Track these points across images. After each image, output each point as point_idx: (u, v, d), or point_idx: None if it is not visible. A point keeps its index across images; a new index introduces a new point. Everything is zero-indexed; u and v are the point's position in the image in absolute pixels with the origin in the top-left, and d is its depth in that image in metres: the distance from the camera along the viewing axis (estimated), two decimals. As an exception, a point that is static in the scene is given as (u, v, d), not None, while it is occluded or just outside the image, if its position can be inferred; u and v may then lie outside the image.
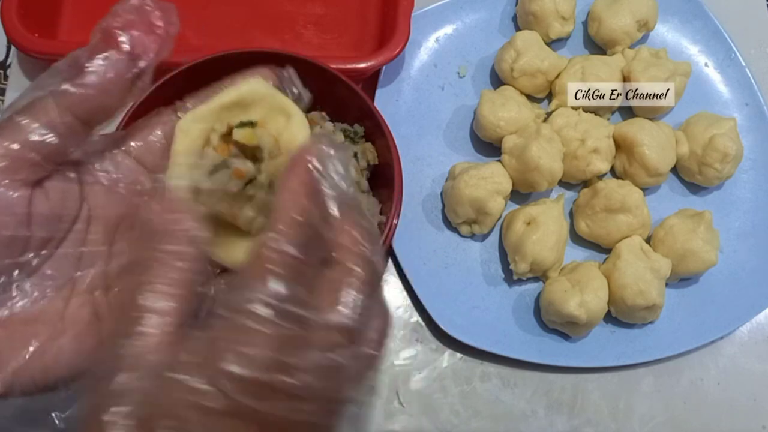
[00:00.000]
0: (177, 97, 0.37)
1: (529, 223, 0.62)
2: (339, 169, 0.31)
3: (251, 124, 0.32)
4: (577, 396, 0.62)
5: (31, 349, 0.30)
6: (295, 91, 0.36)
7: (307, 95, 0.36)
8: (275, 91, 0.34)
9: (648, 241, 0.65)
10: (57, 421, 0.32)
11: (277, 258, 0.27)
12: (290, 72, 0.35)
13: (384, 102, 0.67)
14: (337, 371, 0.28)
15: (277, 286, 0.26)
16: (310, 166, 0.29)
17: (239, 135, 0.32)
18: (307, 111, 0.60)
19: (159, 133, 0.36)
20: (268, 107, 0.33)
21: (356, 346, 0.28)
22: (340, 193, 0.30)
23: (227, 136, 0.32)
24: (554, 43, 0.72)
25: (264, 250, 0.27)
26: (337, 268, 0.29)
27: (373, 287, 0.30)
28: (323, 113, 0.61)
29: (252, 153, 0.32)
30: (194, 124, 0.33)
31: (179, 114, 0.36)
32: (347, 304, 0.29)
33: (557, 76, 0.68)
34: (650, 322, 0.63)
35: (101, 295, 0.33)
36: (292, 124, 0.33)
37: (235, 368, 0.25)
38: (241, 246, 0.33)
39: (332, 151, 0.31)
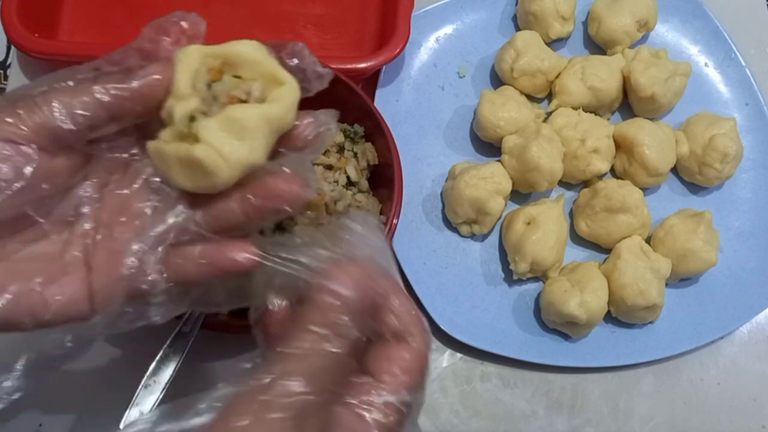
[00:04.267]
0: None
1: (529, 223, 0.61)
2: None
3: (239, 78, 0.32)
4: (577, 396, 0.62)
5: (38, 280, 0.31)
6: (303, 66, 0.34)
7: (325, 72, 0.35)
8: (269, 57, 0.33)
9: (648, 241, 0.65)
10: None
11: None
12: (300, 46, 0.34)
13: (384, 102, 0.67)
14: None
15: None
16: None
17: (227, 86, 0.32)
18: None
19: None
20: (257, 73, 0.33)
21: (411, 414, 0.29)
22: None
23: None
24: (554, 43, 0.72)
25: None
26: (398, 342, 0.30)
27: (429, 353, 0.31)
28: (323, 113, 0.61)
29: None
30: (195, 55, 0.33)
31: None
32: (410, 380, 0.29)
33: (557, 76, 0.68)
34: (650, 322, 0.63)
35: (92, 245, 0.33)
36: (281, 90, 0.32)
37: None
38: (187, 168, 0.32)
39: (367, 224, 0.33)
